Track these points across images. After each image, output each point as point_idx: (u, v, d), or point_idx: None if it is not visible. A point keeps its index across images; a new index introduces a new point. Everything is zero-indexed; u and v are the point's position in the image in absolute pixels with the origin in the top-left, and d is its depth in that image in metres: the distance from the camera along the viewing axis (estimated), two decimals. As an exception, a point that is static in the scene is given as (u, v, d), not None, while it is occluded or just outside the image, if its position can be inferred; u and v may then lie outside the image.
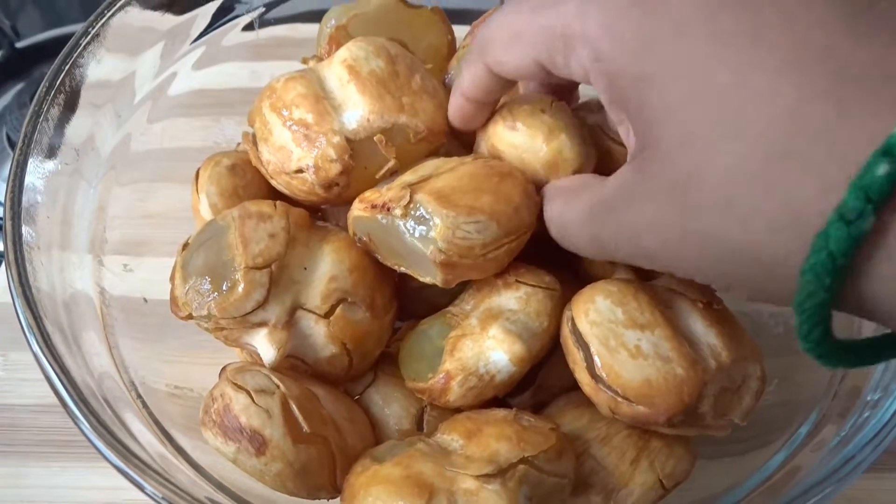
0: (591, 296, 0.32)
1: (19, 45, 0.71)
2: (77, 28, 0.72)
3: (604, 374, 0.30)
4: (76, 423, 0.27)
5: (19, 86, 0.69)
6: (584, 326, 0.31)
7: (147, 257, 0.41)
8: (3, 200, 0.60)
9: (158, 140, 0.44)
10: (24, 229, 0.31)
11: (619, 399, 0.30)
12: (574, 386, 0.32)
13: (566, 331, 0.32)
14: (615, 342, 0.30)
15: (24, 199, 0.32)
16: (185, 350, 0.38)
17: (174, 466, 0.30)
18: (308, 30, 0.47)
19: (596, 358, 0.30)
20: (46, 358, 0.28)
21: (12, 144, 0.64)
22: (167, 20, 0.43)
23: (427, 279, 0.33)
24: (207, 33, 0.45)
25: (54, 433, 0.42)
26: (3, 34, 0.71)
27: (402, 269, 0.34)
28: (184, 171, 0.41)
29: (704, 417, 0.31)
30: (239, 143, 0.43)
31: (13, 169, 0.32)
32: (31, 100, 0.65)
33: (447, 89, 0.39)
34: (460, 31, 0.43)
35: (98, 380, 0.31)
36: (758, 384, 0.32)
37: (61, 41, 0.72)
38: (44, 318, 0.29)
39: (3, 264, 0.49)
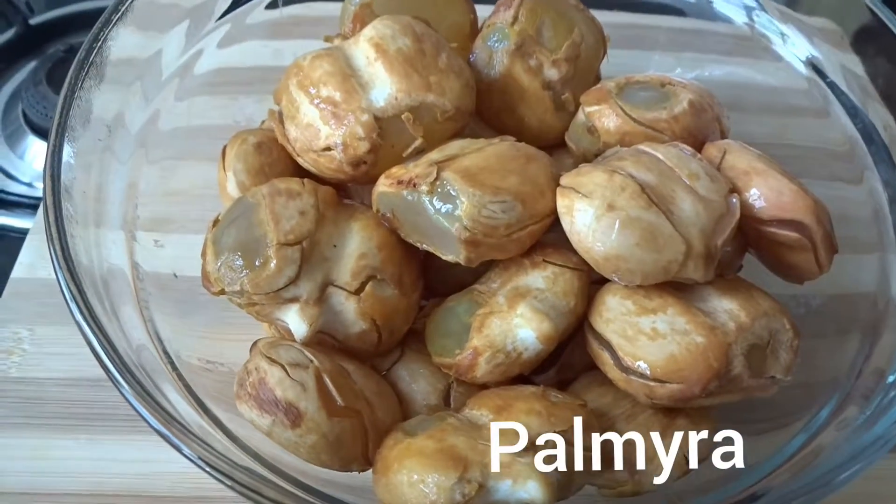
0: (601, 298, 0.33)
1: (32, 21, 0.71)
2: (87, 5, 0.72)
3: (630, 364, 0.31)
4: (119, 389, 0.28)
5: (33, 64, 0.69)
6: (600, 326, 0.32)
7: (174, 234, 0.41)
8: (21, 178, 0.61)
9: (185, 118, 0.44)
10: (64, 203, 0.31)
11: (651, 383, 0.31)
12: (598, 364, 0.33)
13: (589, 338, 0.33)
14: (632, 331, 0.31)
15: (63, 174, 0.32)
16: (213, 326, 0.38)
17: (210, 435, 0.31)
18: (329, 8, 0.47)
19: (619, 351, 0.31)
20: (90, 327, 0.29)
21: (29, 122, 0.64)
22: (191, -3, 0.44)
23: (449, 257, 0.33)
24: (231, 11, 0.45)
25: (82, 406, 0.43)
26: (17, 10, 0.71)
27: (424, 247, 0.34)
28: (205, 148, 0.42)
29: (741, 380, 0.31)
30: (263, 121, 0.43)
31: (51, 144, 0.33)
32: (47, 78, 0.65)
33: (471, 69, 0.39)
34: (483, 10, 0.43)
35: (136, 351, 0.31)
36: (789, 336, 0.32)
37: (73, 18, 0.72)
38: (86, 290, 0.30)
39: (28, 241, 0.50)
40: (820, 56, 0.45)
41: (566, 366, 0.36)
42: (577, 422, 0.29)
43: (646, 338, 0.31)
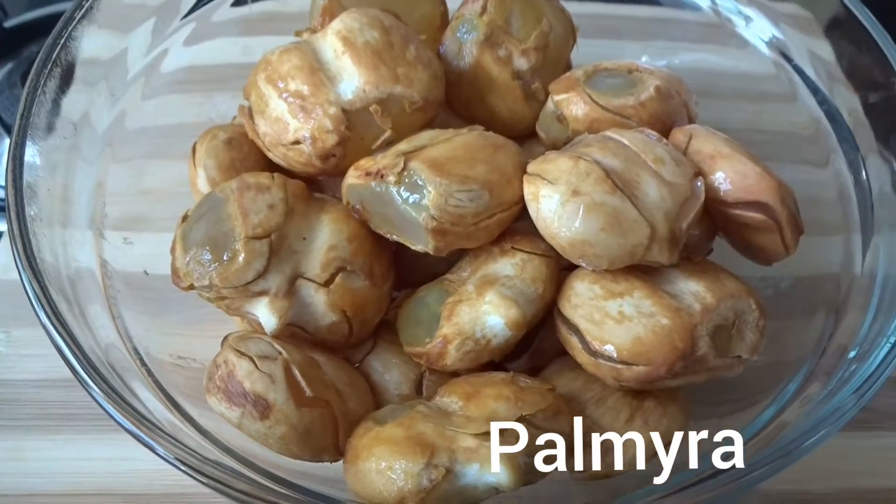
0: (570, 284, 0.33)
1: (7, 24, 0.71)
2: (64, 7, 0.71)
3: (598, 347, 0.31)
4: (87, 390, 0.28)
5: (8, 66, 0.68)
6: (569, 311, 0.33)
7: (145, 233, 0.41)
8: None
9: (152, 117, 0.44)
10: (27, 203, 0.31)
11: (619, 366, 0.31)
12: (569, 350, 0.33)
13: (558, 323, 0.33)
14: (599, 315, 0.31)
15: (25, 174, 0.32)
16: (186, 323, 0.38)
17: (182, 432, 0.31)
18: (299, 3, 0.47)
19: (587, 335, 0.31)
20: (55, 327, 0.29)
21: (4, 124, 0.63)
22: (156, -5, 0.43)
23: (418, 247, 0.33)
24: (197, 9, 0.45)
25: (57, 407, 0.43)
26: (-9, 13, 0.70)
27: (394, 237, 0.34)
28: (178, 147, 0.41)
29: (707, 360, 0.31)
30: (234, 118, 0.43)
31: (13, 143, 0.32)
32: (22, 80, 0.65)
33: (441, 60, 0.39)
34: (453, 2, 0.43)
35: (105, 350, 0.31)
36: (755, 317, 0.33)
37: (49, 20, 0.72)
38: (50, 289, 0.30)
39: (2, 243, 0.49)
40: (785, 39, 0.45)
41: (538, 352, 0.36)
42: (577, 422, 0.29)
43: (613, 321, 0.31)
